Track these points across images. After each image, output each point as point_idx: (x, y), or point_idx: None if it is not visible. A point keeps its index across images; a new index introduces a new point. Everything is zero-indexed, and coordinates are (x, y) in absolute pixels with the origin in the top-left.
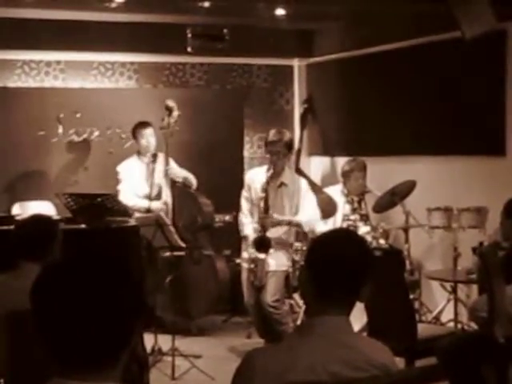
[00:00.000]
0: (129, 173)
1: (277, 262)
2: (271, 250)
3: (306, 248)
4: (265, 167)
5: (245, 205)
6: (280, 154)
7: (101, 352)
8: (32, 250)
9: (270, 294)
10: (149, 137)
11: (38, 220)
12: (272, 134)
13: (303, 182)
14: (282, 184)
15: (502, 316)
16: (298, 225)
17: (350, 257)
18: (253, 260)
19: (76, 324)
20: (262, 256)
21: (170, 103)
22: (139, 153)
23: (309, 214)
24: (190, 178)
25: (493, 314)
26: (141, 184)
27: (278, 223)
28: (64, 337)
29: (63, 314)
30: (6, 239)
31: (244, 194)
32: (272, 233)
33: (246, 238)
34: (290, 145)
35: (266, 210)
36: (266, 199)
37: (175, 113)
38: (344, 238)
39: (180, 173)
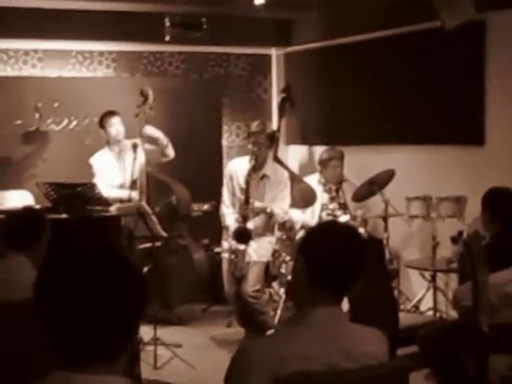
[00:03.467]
0: (101, 165)
1: (257, 252)
2: (251, 241)
3: (287, 237)
4: (247, 158)
5: (226, 195)
6: (262, 146)
7: (106, 344)
8: (21, 241)
9: (251, 285)
10: (117, 125)
11: (28, 211)
12: (255, 126)
13: (285, 174)
14: (265, 176)
15: (486, 305)
16: (272, 215)
17: (345, 250)
18: (233, 251)
19: (81, 316)
20: (242, 247)
21: (146, 89)
22: (108, 143)
23: (282, 209)
24: (162, 139)
25: (477, 302)
26: (114, 175)
27: (260, 211)
28: (69, 329)
29: (68, 306)
30: None
31: (225, 184)
32: (252, 223)
33: (226, 228)
34: (272, 136)
35: (247, 200)
36: (247, 190)
37: (150, 98)
38: (339, 230)
39: (155, 132)
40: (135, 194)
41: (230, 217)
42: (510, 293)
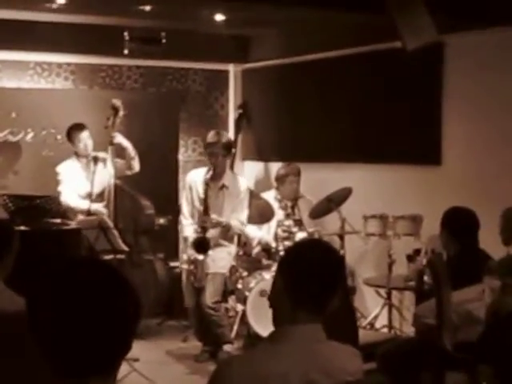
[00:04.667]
0: (69, 173)
1: (216, 263)
2: (210, 251)
3: (244, 253)
4: (205, 169)
5: (185, 206)
6: (219, 156)
7: (102, 360)
8: None
9: (210, 296)
10: (86, 140)
11: None
12: (210, 136)
13: (243, 185)
14: (224, 186)
15: (450, 323)
16: (230, 228)
17: (323, 267)
18: (192, 261)
19: (76, 332)
20: (201, 257)
21: (117, 102)
22: (77, 154)
23: (240, 220)
24: (130, 150)
25: (442, 321)
26: (82, 184)
27: (217, 224)
28: (65, 346)
29: (63, 322)
30: None
31: (184, 195)
32: (211, 233)
33: (185, 239)
34: (228, 146)
35: (206, 211)
36: (205, 200)
37: (121, 112)
38: (318, 248)
39: (125, 142)
40: (96, 207)
41: (189, 228)
42: (471, 311)
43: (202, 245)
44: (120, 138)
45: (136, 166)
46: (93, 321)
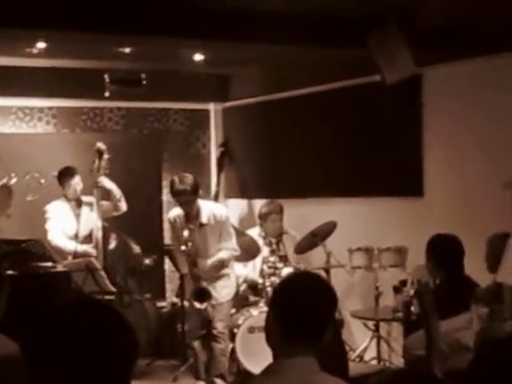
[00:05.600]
0: (57, 213)
1: (219, 293)
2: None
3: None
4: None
5: (175, 243)
6: (189, 202)
7: None
8: None
9: (221, 322)
10: (76, 186)
11: None
12: (176, 185)
13: (222, 214)
14: (202, 225)
15: (439, 352)
16: (223, 262)
17: (314, 301)
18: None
19: (76, 370)
20: (203, 306)
21: (101, 146)
22: (66, 197)
23: (231, 247)
24: (116, 191)
25: (431, 350)
26: (69, 224)
27: (209, 270)
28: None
29: (62, 361)
30: None
31: (171, 235)
32: (203, 266)
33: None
34: (195, 189)
35: (194, 263)
36: (189, 251)
37: (105, 155)
38: (308, 281)
39: (110, 184)
40: (83, 248)
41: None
42: (460, 339)
43: (201, 294)
44: (105, 181)
45: (123, 206)
46: (93, 359)
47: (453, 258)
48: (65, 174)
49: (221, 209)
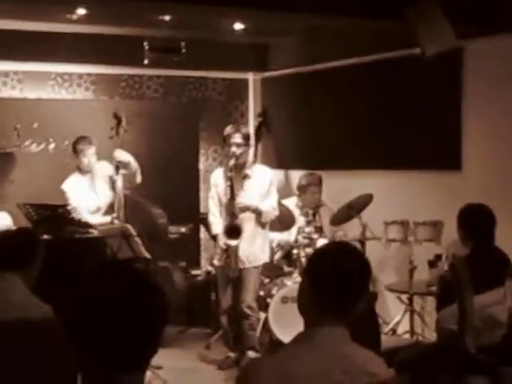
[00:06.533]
0: (74, 189)
1: (250, 258)
2: (243, 243)
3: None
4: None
5: (212, 205)
6: (240, 146)
7: (131, 357)
8: (15, 261)
9: (249, 294)
10: (91, 156)
11: (22, 231)
12: (229, 128)
13: (268, 175)
14: (246, 176)
15: (472, 327)
16: (260, 213)
17: (348, 270)
18: (225, 250)
19: (108, 332)
20: (234, 243)
21: (118, 112)
22: (79, 169)
23: (271, 206)
24: (132, 164)
25: (464, 325)
26: (88, 198)
27: (245, 208)
28: (97, 346)
29: (99, 324)
30: None
31: (211, 194)
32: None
33: (216, 237)
34: (247, 136)
35: (232, 197)
36: (231, 187)
37: (124, 122)
38: (343, 251)
39: (125, 157)
40: (106, 219)
41: (217, 226)
42: (493, 314)
43: (233, 230)
44: (120, 154)
45: (137, 179)
46: (120, 321)
47: (483, 227)
48: (81, 143)
49: (268, 171)
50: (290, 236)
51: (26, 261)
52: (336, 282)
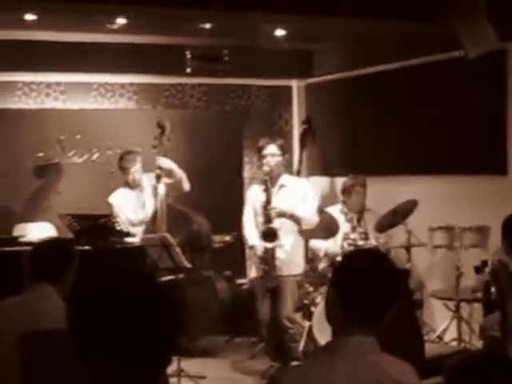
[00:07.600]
0: (122, 203)
1: (288, 265)
2: (283, 245)
3: (310, 268)
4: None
5: (249, 216)
6: (275, 156)
7: (142, 372)
8: (50, 272)
9: (288, 306)
10: (136, 173)
11: (56, 241)
12: (263, 140)
13: (304, 184)
14: (282, 186)
15: None
16: (298, 220)
17: (377, 278)
18: (263, 259)
19: (116, 344)
20: (270, 245)
21: (162, 120)
22: (127, 183)
23: (309, 212)
24: (176, 171)
25: (506, 332)
26: (136, 213)
27: (282, 214)
28: (105, 357)
29: (103, 334)
30: (15, 260)
31: (247, 207)
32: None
33: (253, 247)
34: (282, 147)
35: (268, 201)
36: (267, 192)
37: (167, 130)
38: (372, 258)
39: (169, 164)
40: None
41: (254, 237)
42: None
43: (269, 233)
44: (163, 162)
45: (186, 186)
46: (129, 333)
47: None
48: (126, 160)
49: (305, 181)
50: (335, 243)
51: (61, 271)
52: (363, 291)
